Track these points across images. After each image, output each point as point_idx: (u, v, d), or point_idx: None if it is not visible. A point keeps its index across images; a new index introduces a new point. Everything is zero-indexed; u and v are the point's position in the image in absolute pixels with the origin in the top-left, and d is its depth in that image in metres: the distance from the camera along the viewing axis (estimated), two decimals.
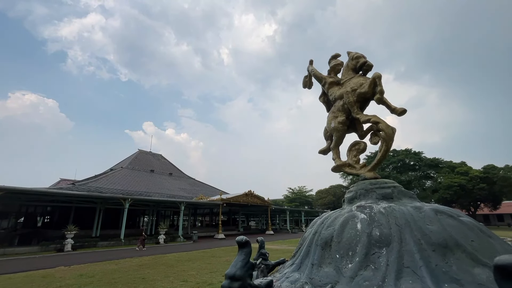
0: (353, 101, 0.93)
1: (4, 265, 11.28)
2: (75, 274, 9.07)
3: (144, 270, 9.82)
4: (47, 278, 8.49)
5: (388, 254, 0.53)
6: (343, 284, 0.50)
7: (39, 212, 33.74)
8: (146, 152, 44.00)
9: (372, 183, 0.77)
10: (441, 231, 0.54)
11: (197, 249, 17.22)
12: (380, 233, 0.56)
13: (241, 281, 0.65)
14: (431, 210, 0.58)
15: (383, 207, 0.64)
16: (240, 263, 0.74)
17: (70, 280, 8.16)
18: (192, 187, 38.58)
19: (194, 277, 8.53)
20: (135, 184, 30.33)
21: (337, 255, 0.58)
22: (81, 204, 22.68)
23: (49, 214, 33.09)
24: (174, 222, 38.63)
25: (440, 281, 0.52)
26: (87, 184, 25.64)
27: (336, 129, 0.94)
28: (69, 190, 21.12)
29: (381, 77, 0.93)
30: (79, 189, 22.65)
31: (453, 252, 0.52)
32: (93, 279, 8.26)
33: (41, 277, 8.75)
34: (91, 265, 11.10)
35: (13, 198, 18.66)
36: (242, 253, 0.79)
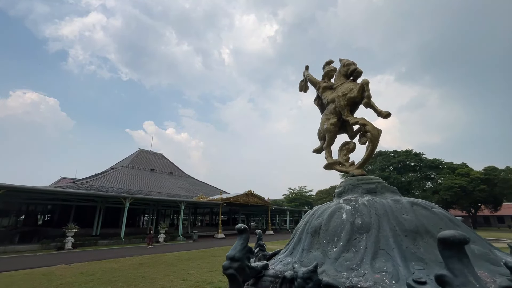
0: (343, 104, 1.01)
1: (4, 263, 11.32)
2: (76, 272, 9.11)
3: (144, 268, 9.85)
4: (47, 276, 8.53)
5: (367, 239, 0.63)
6: (328, 264, 0.59)
7: (40, 211, 33.84)
8: (147, 151, 44.08)
9: (359, 179, 0.88)
10: (414, 220, 0.63)
11: (197, 249, 17.25)
12: (362, 222, 0.66)
13: (240, 261, 0.74)
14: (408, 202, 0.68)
15: (366, 200, 0.73)
16: (239, 246, 0.84)
17: (71, 278, 8.19)
18: (192, 187, 38.63)
19: (194, 276, 8.56)
20: (136, 183, 30.38)
21: (324, 241, 0.68)
22: (82, 203, 22.73)
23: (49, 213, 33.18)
24: (174, 221, 38.70)
25: (408, 260, 0.60)
26: (87, 183, 25.70)
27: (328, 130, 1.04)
28: (70, 189, 21.19)
29: (368, 83, 1.04)
30: (80, 188, 22.71)
31: (422, 237, 0.60)
32: (94, 277, 8.29)
33: (41, 275, 8.79)
34: (91, 263, 11.14)
35: (14, 196, 18.72)
36: (241, 238, 0.89)
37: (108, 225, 23.89)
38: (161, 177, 37.27)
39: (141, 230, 29.34)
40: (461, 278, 0.40)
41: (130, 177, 31.73)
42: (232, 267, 0.74)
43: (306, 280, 0.56)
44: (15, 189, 16.31)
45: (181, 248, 17.48)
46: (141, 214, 37.05)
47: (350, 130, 1.07)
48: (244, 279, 0.72)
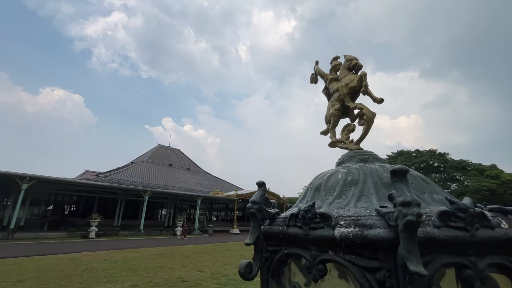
0: (346, 92, 1.27)
1: (36, 248, 12.14)
2: (99, 259, 9.58)
3: (162, 259, 10.16)
4: (74, 261, 9.04)
5: (354, 189, 0.84)
6: (324, 207, 0.80)
7: (66, 201, 35.94)
8: (165, 147, 45.32)
9: (355, 152, 1.09)
10: None
11: (212, 242, 17.55)
12: (352, 179, 0.87)
13: (259, 204, 1.01)
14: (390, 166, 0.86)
15: (358, 165, 0.90)
16: (259, 194, 1.13)
17: (95, 264, 8.63)
18: (208, 182, 39.27)
19: (209, 268, 8.71)
20: (154, 177, 31.37)
21: (323, 193, 0.93)
22: (104, 195, 23.81)
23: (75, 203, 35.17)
24: (190, 216, 39.60)
25: (381, 200, 0.73)
26: (110, 176, 26.91)
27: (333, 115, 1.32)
28: (94, 181, 22.28)
29: (366, 74, 1.32)
30: (103, 181, 23.83)
31: None
32: (116, 265, 8.67)
33: (69, 260, 9.33)
34: (113, 252, 11.67)
35: (43, 187, 19.97)
36: (260, 190, 1.14)
37: (128, 217, 24.86)
38: (179, 172, 38.21)
39: (159, 222, 30.32)
40: (400, 193, 0.60)
41: (149, 172, 32.80)
42: (253, 207, 1.00)
43: (306, 212, 0.76)
44: (45, 180, 17.40)
45: (197, 242, 17.86)
46: (159, 208, 38.25)
47: (351, 115, 1.36)
48: (262, 218, 1.01)
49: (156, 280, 6.83)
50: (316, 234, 0.70)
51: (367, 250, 0.62)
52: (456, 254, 0.61)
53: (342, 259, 0.64)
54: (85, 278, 6.83)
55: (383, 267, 0.59)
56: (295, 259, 0.79)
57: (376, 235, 0.60)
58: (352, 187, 0.89)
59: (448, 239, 0.60)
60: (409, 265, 0.53)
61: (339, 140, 1.37)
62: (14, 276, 6.86)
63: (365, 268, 0.61)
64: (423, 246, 0.58)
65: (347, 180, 0.92)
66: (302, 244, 0.73)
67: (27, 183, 15.88)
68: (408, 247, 0.54)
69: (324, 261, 0.67)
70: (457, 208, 0.65)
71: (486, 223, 0.65)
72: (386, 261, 0.59)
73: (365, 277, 0.60)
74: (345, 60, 1.42)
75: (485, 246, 0.63)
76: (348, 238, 0.64)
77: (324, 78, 1.63)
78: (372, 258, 0.61)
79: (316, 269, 0.68)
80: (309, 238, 0.72)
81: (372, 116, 1.25)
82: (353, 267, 0.62)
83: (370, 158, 1.13)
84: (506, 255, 0.62)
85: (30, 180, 16.05)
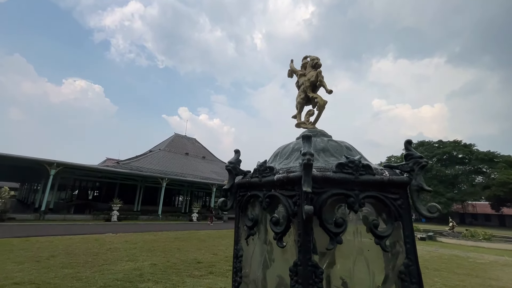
0: (307, 85, 1.60)
1: (65, 228, 13.10)
2: (121, 240, 10.20)
3: (179, 242, 10.64)
4: (99, 241, 9.69)
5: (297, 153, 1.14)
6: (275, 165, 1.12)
7: (90, 187, 38.06)
8: (182, 136, 46.31)
9: (309, 130, 1.33)
10: (324, 145, 1.14)
11: (226, 229, 18.06)
12: (297, 147, 1.19)
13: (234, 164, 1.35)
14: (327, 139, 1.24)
15: None
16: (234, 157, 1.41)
17: (118, 245, 9.21)
18: (223, 171, 39.92)
19: (223, 251, 9.03)
20: (171, 165, 32.34)
21: (278, 157, 1.24)
22: (125, 181, 24.97)
23: (97, 189, 37.15)
24: (206, 203, 40.74)
25: None
26: (129, 164, 28.06)
27: (299, 103, 1.67)
28: (115, 168, 23.37)
29: (321, 71, 1.66)
30: (123, 168, 24.93)
31: (324, 153, 1.11)
32: (136, 246, 9.21)
33: (94, 240, 10.01)
34: (133, 234, 12.35)
35: (69, 172, 21.25)
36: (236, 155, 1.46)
37: (147, 203, 26.00)
38: (195, 161, 39.11)
39: (176, 209, 31.50)
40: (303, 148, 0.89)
41: (167, 160, 33.82)
42: (230, 166, 1.30)
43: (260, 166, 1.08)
44: (71, 166, 18.50)
45: (212, 227, 18.45)
46: (176, 195, 39.63)
47: (313, 102, 1.57)
48: (236, 173, 1.29)
49: (174, 261, 7.20)
50: (265, 180, 1.07)
51: (289, 185, 0.98)
52: (345, 189, 0.95)
53: (277, 193, 1.01)
54: (109, 256, 7.33)
55: (296, 194, 0.94)
56: (254, 198, 1.15)
57: (293, 176, 0.96)
58: (295, 152, 1.20)
59: (339, 179, 0.95)
60: (303, 187, 0.88)
61: (302, 122, 1.70)
62: (47, 252, 7.49)
63: (288, 196, 0.98)
64: (323, 182, 0.93)
65: (294, 148, 1.24)
66: (259, 188, 1.09)
67: (55, 168, 16.97)
68: (304, 178, 0.89)
69: (269, 196, 1.03)
70: (349, 161, 0.98)
71: (370, 171, 0.98)
72: (298, 190, 0.93)
73: (287, 201, 0.97)
74: (310, 59, 1.80)
75: (365, 185, 0.96)
76: (279, 179, 1.00)
77: (296, 74, 1.96)
78: (291, 189, 0.97)
79: (265, 202, 1.05)
80: (262, 183, 1.08)
81: (323, 103, 1.60)
82: (282, 196, 0.99)
83: (318, 134, 1.40)
84: (380, 191, 0.96)
85: (58, 166, 17.13)
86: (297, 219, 0.90)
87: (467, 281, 6.88)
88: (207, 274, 6.07)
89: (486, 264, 9.78)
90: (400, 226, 0.92)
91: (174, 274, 5.88)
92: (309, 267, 0.83)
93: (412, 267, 0.87)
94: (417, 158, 0.98)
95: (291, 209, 0.93)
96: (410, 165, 0.98)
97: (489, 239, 16.74)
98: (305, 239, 0.85)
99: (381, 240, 0.89)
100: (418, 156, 0.98)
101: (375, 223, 0.92)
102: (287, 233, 0.96)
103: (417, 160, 0.97)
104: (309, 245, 0.86)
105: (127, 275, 5.60)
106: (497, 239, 17.40)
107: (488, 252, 13.09)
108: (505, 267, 9.25)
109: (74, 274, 5.54)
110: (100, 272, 5.80)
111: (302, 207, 0.85)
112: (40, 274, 5.46)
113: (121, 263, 6.63)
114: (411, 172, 0.97)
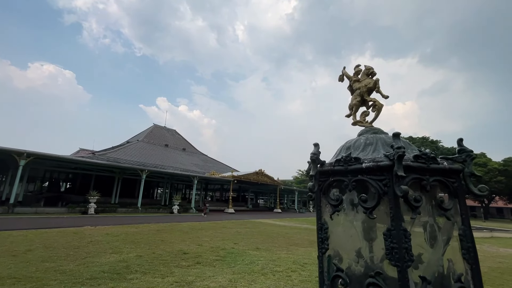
0: (365, 91, 1.93)
1: (38, 222, 12.48)
2: (102, 233, 9.98)
3: (162, 234, 10.62)
4: (78, 234, 9.41)
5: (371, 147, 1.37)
6: None
7: (62, 179, 36.04)
8: (161, 127, 45.06)
9: (370, 128, 1.72)
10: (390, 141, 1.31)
11: (208, 221, 18.19)
12: (369, 142, 1.41)
13: (317, 154, 1.55)
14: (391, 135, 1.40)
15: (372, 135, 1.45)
16: (315, 149, 1.57)
17: (99, 237, 9.02)
18: (204, 163, 39.67)
19: (208, 242, 9.19)
20: (151, 157, 31.53)
21: (352, 150, 1.42)
22: (101, 173, 23.99)
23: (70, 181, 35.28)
24: (186, 195, 40.38)
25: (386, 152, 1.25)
26: (106, 155, 26.94)
27: (355, 104, 2.00)
28: (91, 159, 22.36)
29: (379, 80, 1.94)
30: (100, 159, 23.89)
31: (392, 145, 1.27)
32: (118, 238, 9.08)
33: (72, 233, 9.70)
34: (114, 227, 12.09)
35: (40, 163, 20.02)
36: (316, 147, 1.56)
37: (125, 195, 25.23)
38: (175, 153, 38.40)
39: (155, 201, 30.94)
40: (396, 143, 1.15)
41: (146, 151, 32.89)
42: (313, 157, 1.45)
43: (346, 157, 1.30)
44: (43, 156, 17.44)
45: (194, 219, 18.47)
46: (155, 187, 38.81)
47: (367, 105, 1.95)
48: (317, 163, 1.47)
49: (159, 252, 7.25)
50: (351, 168, 1.28)
51: (378, 172, 1.19)
52: (420, 174, 1.20)
53: (367, 178, 1.22)
54: (91, 249, 7.21)
55: (385, 178, 1.16)
56: (337, 183, 1.35)
57: (383, 164, 1.17)
58: (369, 146, 1.42)
59: (416, 167, 1.19)
60: (398, 172, 1.09)
61: (359, 121, 1.95)
62: (22, 246, 7.18)
63: (378, 179, 1.19)
64: (405, 169, 1.15)
65: (366, 142, 1.45)
66: (343, 174, 1.30)
67: (24, 159, 15.92)
68: (398, 166, 1.12)
69: (357, 180, 1.25)
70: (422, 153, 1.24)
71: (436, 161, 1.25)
72: (387, 175, 1.16)
73: (377, 184, 1.18)
74: (365, 68, 2.05)
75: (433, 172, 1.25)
76: (369, 167, 1.22)
77: (350, 79, 2.19)
78: (380, 175, 1.18)
79: (351, 185, 1.27)
80: (348, 170, 1.29)
81: (381, 106, 1.86)
82: (372, 180, 1.20)
83: (379, 131, 1.65)
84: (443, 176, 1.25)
85: (28, 156, 16.08)
86: (388, 197, 1.13)
87: None
88: (194, 264, 6.22)
89: None
90: (457, 203, 1.20)
91: (161, 265, 5.97)
92: (401, 231, 1.08)
93: (467, 231, 1.16)
94: (469, 152, 1.27)
95: (381, 189, 1.15)
96: (463, 157, 1.26)
97: None
98: (397, 211, 1.10)
99: (446, 212, 1.18)
100: (470, 151, 1.28)
101: (441, 200, 1.20)
102: (376, 208, 1.19)
103: (469, 154, 1.25)
104: (400, 215, 1.10)
105: (113, 267, 5.60)
106: None
107: None
108: None
109: (57, 268, 5.44)
110: (84, 265, 5.73)
111: (395, 187, 1.09)
112: (19, 268, 5.29)
113: (105, 256, 6.57)
114: (464, 163, 1.25)
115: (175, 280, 4.95)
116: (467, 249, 1.13)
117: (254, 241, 10.20)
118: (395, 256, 1.05)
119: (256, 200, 53.51)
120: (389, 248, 1.07)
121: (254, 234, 12.22)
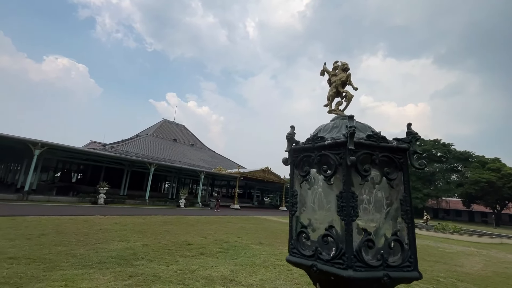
0: (339, 83, 2.17)
1: (51, 209, 12.99)
2: (110, 222, 10.32)
3: (168, 226, 10.89)
4: (88, 222, 9.77)
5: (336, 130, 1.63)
6: None
7: (74, 169, 37.19)
8: (170, 122, 45.66)
9: (340, 115, 1.90)
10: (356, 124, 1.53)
11: (214, 215, 18.45)
12: (336, 125, 1.64)
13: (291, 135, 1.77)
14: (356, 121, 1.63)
15: (339, 121, 1.70)
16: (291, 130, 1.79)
17: (107, 226, 9.34)
18: (211, 159, 40.06)
19: (212, 235, 9.39)
20: (159, 151, 32.08)
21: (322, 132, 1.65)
22: (111, 165, 24.60)
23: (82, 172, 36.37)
24: (192, 190, 40.90)
25: None
26: (116, 147, 27.60)
27: (331, 96, 2.22)
28: (102, 151, 22.97)
29: (351, 74, 2.20)
30: (110, 151, 24.51)
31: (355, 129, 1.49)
32: (126, 227, 9.38)
33: (83, 221, 10.07)
34: (122, 217, 12.46)
35: (53, 154, 20.70)
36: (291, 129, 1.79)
37: (133, 188, 25.80)
38: (183, 148, 38.89)
39: (163, 194, 31.52)
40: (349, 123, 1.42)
41: (154, 145, 33.46)
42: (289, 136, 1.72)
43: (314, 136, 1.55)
44: (56, 147, 18.04)
45: (199, 213, 18.78)
46: (163, 181, 39.47)
47: (341, 95, 2.18)
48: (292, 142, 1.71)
49: (165, 242, 7.47)
50: (317, 144, 1.51)
51: (336, 147, 1.41)
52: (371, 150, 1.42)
53: (328, 152, 1.44)
54: (100, 236, 7.50)
55: (341, 152, 1.39)
56: (306, 158, 1.60)
57: (340, 141, 1.38)
58: (336, 128, 1.67)
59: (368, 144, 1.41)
60: (349, 146, 1.32)
61: (333, 110, 2.22)
62: (36, 230, 7.54)
63: (336, 153, 1.40)
64: (358, 145, 1.36)
65: (334, 126, 1.71)
66: (311, 151, 1.55)
67: (39, 149, 16.52)
68: (349, 141, 1.33)
69: (321, 155, 1.49)
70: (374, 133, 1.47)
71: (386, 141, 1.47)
72: (343, 149, 1.37)
73: (335, 157, 1.40)
74: (341, 64, 2.34)
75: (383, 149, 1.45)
76: (330, 143, 1.44)
77: (329, 74, 2.45)
78: (338, 150, 1.41)
79: (316, 160, 1.50)
80: (315, 147, 1.52)
81: (351, 97, 2.13)
82: (331, 154, 1.42)
83: (347, 117, 1.76)
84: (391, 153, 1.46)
85: (42, 146, 16.67)
86: (342, 167, 1.37)
87: (435, 267, 7.62)
88: (198, 254, 6.40)
89: (453, 253, 10.74)
90: (401, 175, 1.46)
91: (167, 254, 6.17)
92: (350, 193, 1.32)
93: (407, 197, 1.43)
94: (414, 134, 1.53)
95: (338, 161, 1.39)
96: (409, 138, 1.52)
97: (458, 232, 18.14)
98: (348, 178, 1.34)
99: (391, 181, 1.45)
100: (415, 133, 1.54)
101: (388, 171, 1.45)
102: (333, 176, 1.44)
103: (414, 136, 1.52)
104: (350, 181, 1.34)
105: (121, 254, 5.83)
106: (465, 232, 18.87)
107: (456, 243, 14.26)
108: (469, 256, 10.22)
109: (68, 251, 5.71)
110: (93, 250, 5.99)
111: (347, 158, 1.33)
112: (34, 250, 5.58)
113: (113, 243, 6.83)
114: (410, 143, 1.50)
115: (179, 268, 5.12)
116: (405, 211, 1.41)
117: (257, 236, 10.33)
118: (344, 212, 1.30)
119: (261, 198, 53.68)
120: (340, 207, 1.33)
121: (258, 230, 12.36)
